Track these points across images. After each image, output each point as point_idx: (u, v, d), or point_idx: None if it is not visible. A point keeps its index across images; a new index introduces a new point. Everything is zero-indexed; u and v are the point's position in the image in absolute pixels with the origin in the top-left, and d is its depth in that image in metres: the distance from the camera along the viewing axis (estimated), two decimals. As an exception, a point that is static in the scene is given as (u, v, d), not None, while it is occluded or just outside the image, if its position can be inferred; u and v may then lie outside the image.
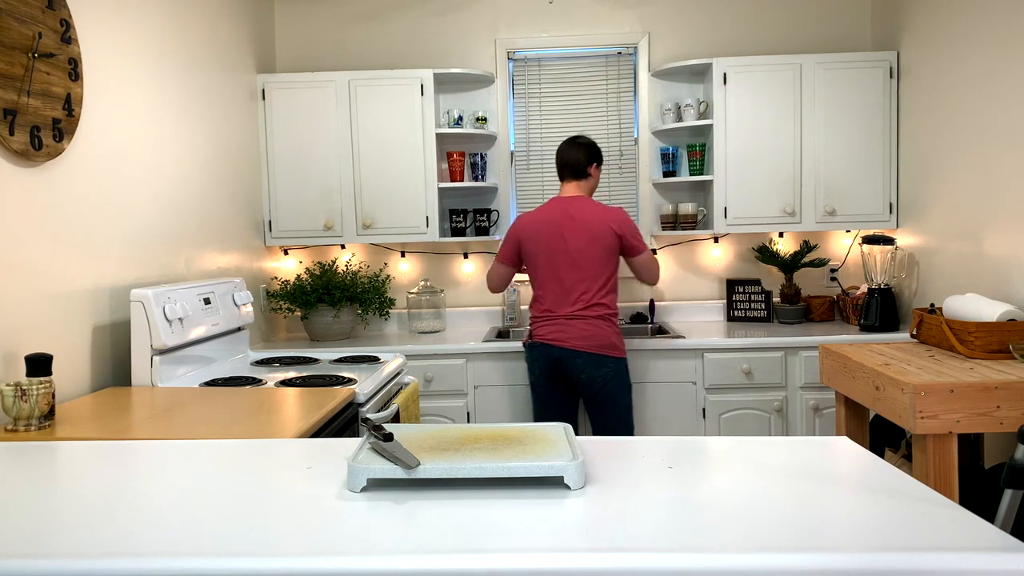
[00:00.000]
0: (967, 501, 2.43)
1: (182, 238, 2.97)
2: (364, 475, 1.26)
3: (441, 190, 3.86)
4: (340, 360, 2.97)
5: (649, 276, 3.24)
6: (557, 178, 4.05)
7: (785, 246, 4.02)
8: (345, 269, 3.88)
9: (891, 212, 3.71)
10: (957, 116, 3.21)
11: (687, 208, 3.91)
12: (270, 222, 3.79)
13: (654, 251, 4.05)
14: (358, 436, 2.26)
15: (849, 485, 1.29)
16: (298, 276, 3.81)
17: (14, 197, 2.07)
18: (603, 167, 3.19)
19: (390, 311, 4.01)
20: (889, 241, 3.61)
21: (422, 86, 3.73)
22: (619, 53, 4.05)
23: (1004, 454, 2.86)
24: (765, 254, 3.93)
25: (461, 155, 3.94)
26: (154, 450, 1.56)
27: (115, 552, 1.05)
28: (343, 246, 4.08)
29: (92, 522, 1.16)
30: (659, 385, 3.46)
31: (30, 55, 2.09)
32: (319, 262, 3.90)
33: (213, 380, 2.54)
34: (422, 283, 3.97)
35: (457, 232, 3.96)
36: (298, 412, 2.03)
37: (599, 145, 4.05)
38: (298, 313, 3.82)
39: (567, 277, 3.07)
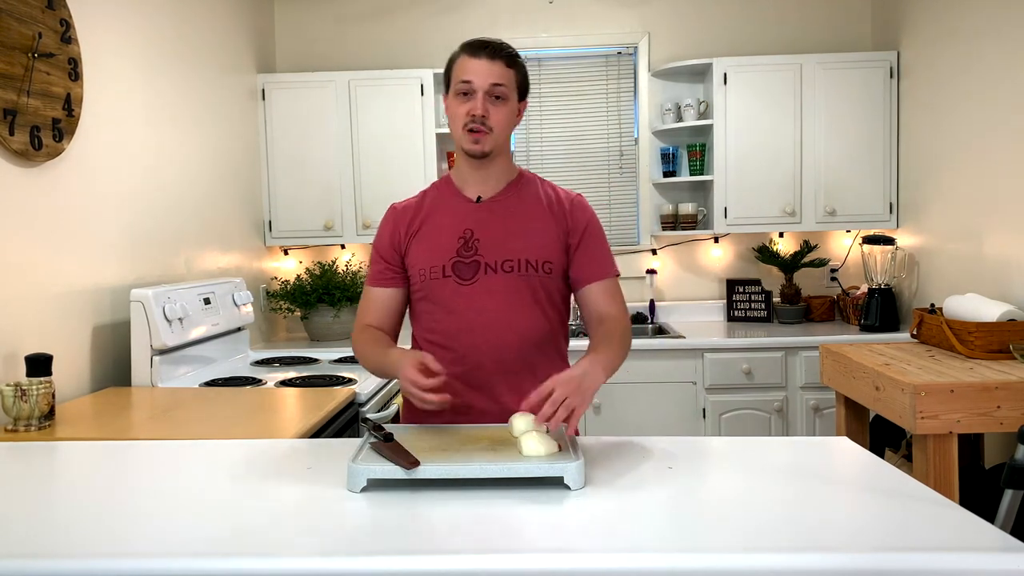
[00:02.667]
0: (967, 501, 2.43)
1: (182, 238, 2.97)
2: (364, 475, 1.26)
3: (441, 190, 3.85)
4: (340, 360, 2.97)
5: None
6: (558, 178, 4.05)
7: (785, 246, 4.02)
8: (345, 269, 3.88)
9: (891, 212, 3.71)
10: (957, 116, 3.21)
11: (687, 208, 3.91)
12: (270, 222, 3.79)
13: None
14: (358, 436, 2.26)
15: (849, 485, 1.29)
16: (298, 276, 3.80)
17: (14, 197, 2.07)
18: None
19: (390, 311, 3.99)
20: (889, 241, 3.61)
21: (422, 86, 3.73)
22: (619, 53, 4.05)
23: (1004, 454, 2.86)
24: (765, 254, 3.93)
25: (461, 155, 3.93)
26: (154, 450, 1.56)
27: (115, 552, 1.05)
28: (343, 246, 4.07)
29: (92, 522, 1.16)
30: (659, 385, 3.46)
31: (30, 55, 2.09)
32: (319, 262, 3.89)
33: (213, 380, 2.54)
34: (422, 283, 3.96)
35: (457, 232, 3.94)
36: (298, 412, 2.03)
37: (601, 144, 4.05)
38: (298, 313, 3.82)
39: None
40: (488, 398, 1.64)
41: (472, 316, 1.63)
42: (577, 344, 1.82)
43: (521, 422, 1.37)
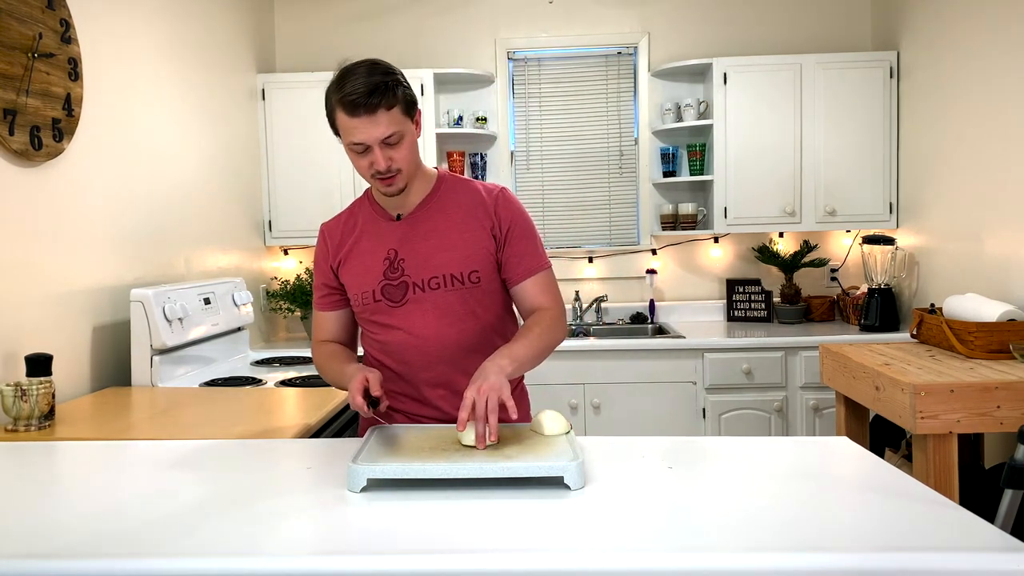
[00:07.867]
0: (967, 501, 2.43)
1: (182, 238, 2.97)
2: (364, 475, 1.26)
3: (441, 190, 3.85)
4: (340, 360, 2.97)
5: None
6: (558, 178, 4.05)
7: (785, 246, 4.02)
8: (345, 269, 3.88)
9: (891, 212, 3.71)
10: (957, 116, 3.21)
11: (687, 208, 3.91)
12: (270, 222, 3.79)
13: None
14: (358, 436, 2.25)
15: (849, 485, 1.29)
16: (298, 276, 3.80)
17: (14, 197, 2.07)
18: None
19: (390, 311, 4.00)
20: (889, 241, 3.60)
21: (422, 86, 3.73)
22: (619, 53, 4.04)
23: (1004, 454, 2.86)
24: (765, 254, 3.93)
25: (461, 155, 3.94)
26: (154, 450, 1.56)
27: (115, 552, 1.05)
28: (343, 246, 4.07)
29: (92, 522, 1.16)
30: (659, 385, 3.46)
31: (30, 55, 2.09)
32: (319, 262, 3.89)
33: (213, 380, 2.54)
34: (422, 283, 3.96)
35: (457, 232, 3.94)
36: (298, 412, 2.03)
37: (601, 144, 4.05)
38: (298, 313, 3.82)
39: None
40: (433, 409, 1.69)
41: (405, 336, 1.65)
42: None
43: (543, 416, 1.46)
